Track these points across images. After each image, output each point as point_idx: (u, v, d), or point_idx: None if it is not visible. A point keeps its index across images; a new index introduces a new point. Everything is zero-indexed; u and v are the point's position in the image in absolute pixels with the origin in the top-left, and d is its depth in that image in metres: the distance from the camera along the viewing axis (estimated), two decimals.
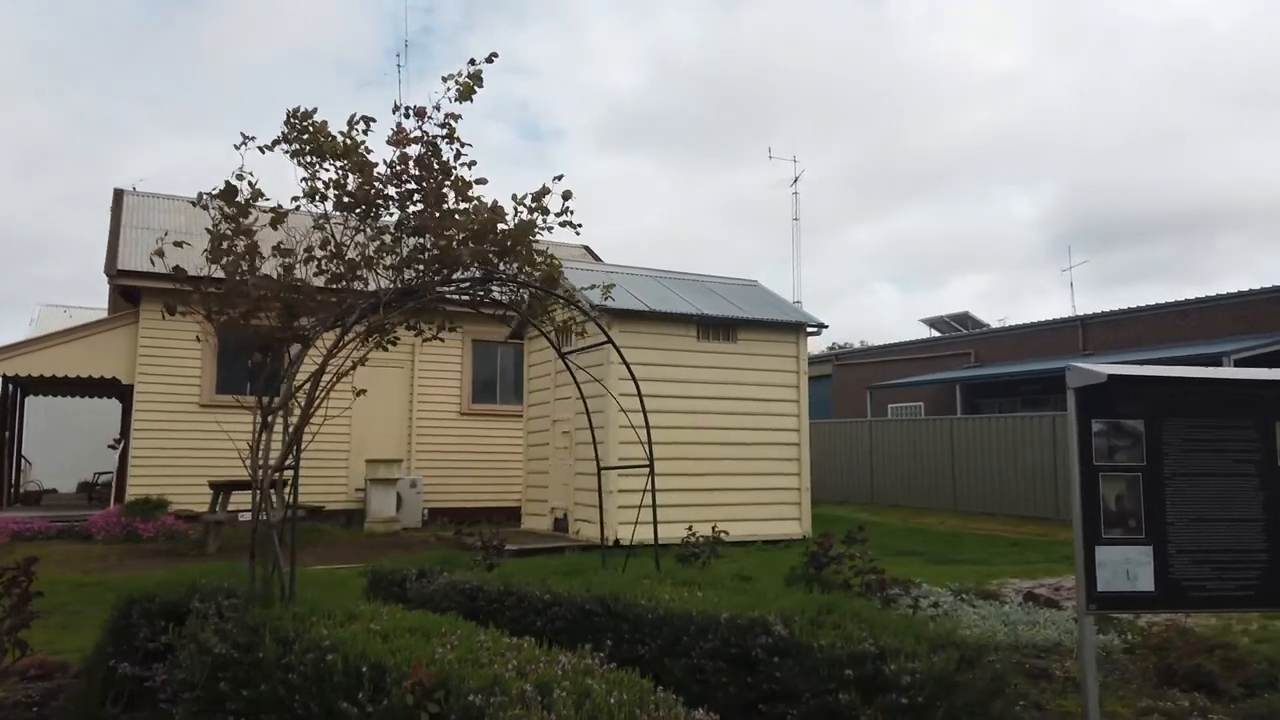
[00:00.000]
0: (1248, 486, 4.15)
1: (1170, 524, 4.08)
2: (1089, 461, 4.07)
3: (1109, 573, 4.03)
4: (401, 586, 5.71)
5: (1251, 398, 4.20)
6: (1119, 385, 4.12)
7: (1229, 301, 21.14)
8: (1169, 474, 4.11)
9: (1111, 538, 4.05)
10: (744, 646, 3.85)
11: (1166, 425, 4.12)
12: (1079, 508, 4.07)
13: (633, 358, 12.24)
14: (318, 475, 15.32)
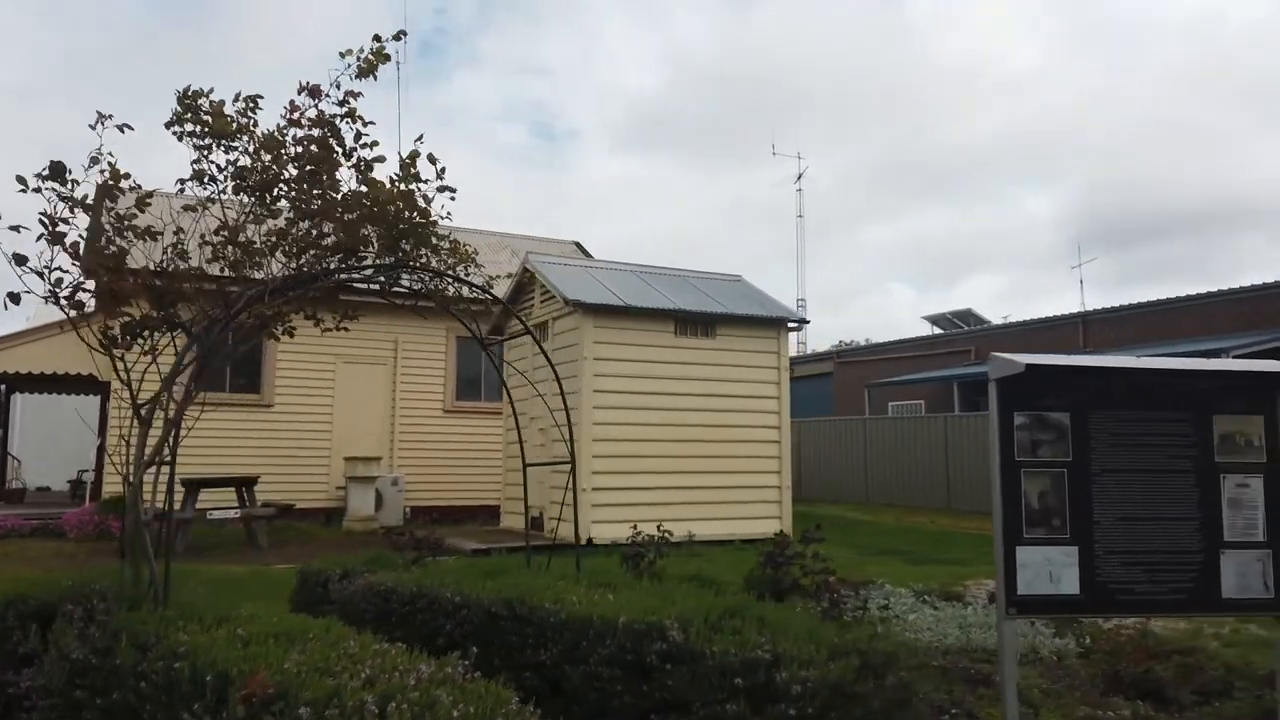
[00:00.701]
0: (1182, 483, 3.91)
1: (1097, 523, 3.85)
2: (1010, 456, 3.85)
3: (1030, 574, 3.81)
4: (325, 588, 5.53)
5: (1188, 389, 3.96)
6: (1044, 376, 3.88)
7: (1232, 297, 20.77)
8: (1096, 470, 3.88)
9: (1033, 537, 3.82)
10: (639, 653, 3.64)
11: (1094, 418, 3.89)
12: (999, 506, 3.84)
13: (608, 353, 12.08)
14: (296, 473, 15.21)
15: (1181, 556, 3.87)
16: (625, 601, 4.13)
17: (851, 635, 3.65)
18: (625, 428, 11.89)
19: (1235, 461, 3.95)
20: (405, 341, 16.36)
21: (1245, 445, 3.95)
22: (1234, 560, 3.89)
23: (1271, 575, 3.90)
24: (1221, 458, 3.94)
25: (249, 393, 15.24)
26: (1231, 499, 3.91)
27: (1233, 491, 3.92)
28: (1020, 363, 3.74)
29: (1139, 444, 3.91)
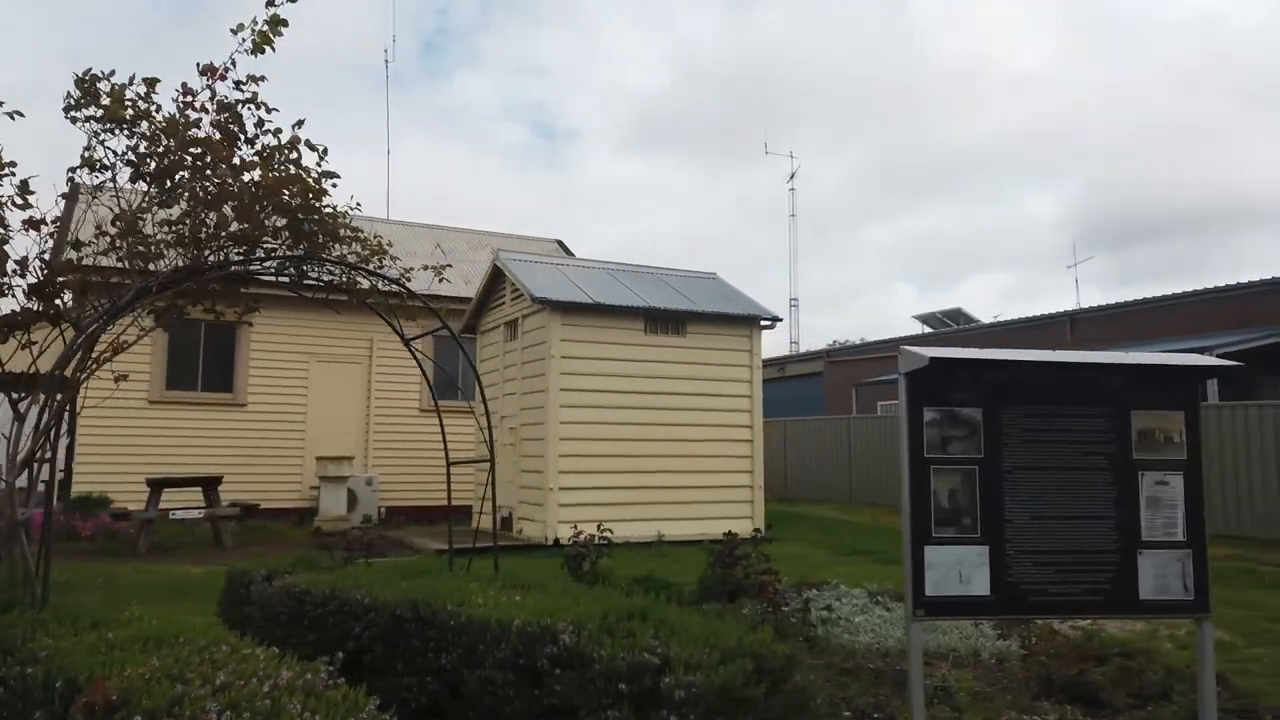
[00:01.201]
0: (1098, 481, 3.79)
1: (1009, 522, 3.73)
2: (919, 453, 3.73)
3: (939, 575, 3.68)
4: (248, 589, 5.41)
5: (1105, 385, 3.84)
6: (956, 370, 3.76)
7: (1218, 295, 20.64)
8: (1009, 467, 3.75)
9: (943, 537, 3.70)
10: (531, 657, 3.52)
11: (1007, 414, 3.77)
12: (907, 504, 3.72)
13: (576, 351, 11.96)
14: (268, 473, 15.10)
15: (1097, 556, 3.75)
16: (534, 604, 4.01)
17: (753, 638, 3.53)
18: (593, 426, 11.76)
19: (1154, 459, 3.83)
20: (380, 340, 16.20)
21: (1165, 441, 3.83)
22: (1152, 560, 3.77)
23: (1192, 576, 3.78)
24: (1140, 454, 3.82)
25: (221, 391, 15.12)
26: (1150, 497, 3.79)
27: (1151, 489, 3.80)
28: (925, 356, 3.61)
29: (1053, 440, 3.78)
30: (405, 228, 19.58)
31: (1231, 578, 9.16)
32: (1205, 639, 3.80)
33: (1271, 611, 7.40)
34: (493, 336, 13.60)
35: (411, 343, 5.55)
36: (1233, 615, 7.37)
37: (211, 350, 15.19)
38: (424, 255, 18.68)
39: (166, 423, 14.62)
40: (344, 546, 6.28)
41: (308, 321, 15.61)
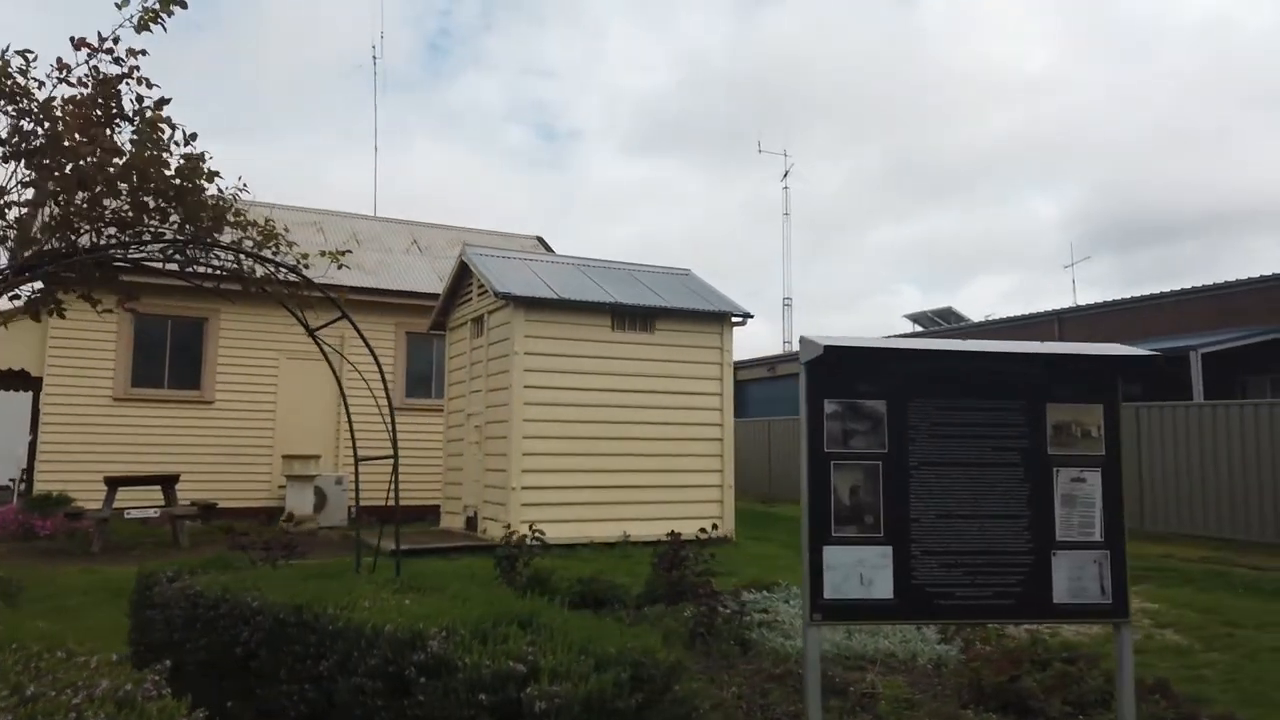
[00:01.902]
0: (1010, 478, 3.57)
1: (914, 521, 3.52)
2: (819, 448, 3.51)
3: (839, 577, 3.47)
4: (153, 591, 5.19)
5: (1018, 376, 3.62)
6: (858, 360, 3.55)
7: (1204, 294, 20.43)
8: (914, 463, 3.54)
9: (843, 536, 3.48)
10: (400, 664, 3.30)
11: (913, 406, 3.55)
12: (806, 501, 3.50)
13: (541, 348, 11.73)
14: (236, 471, 14.89)
15: (1008, 558, 3.53)
16: (418, 608, 3.80)
17: (638, 645, 3.31)
18: (558, 424, 11.55)
19: (1070, 454, 3.61)
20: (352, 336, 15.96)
21: (1082, 436, 3.62)
22: (1067, 562, 3.55)
23: (1109, 578, 3.56)
24: (1055, 450, 3.60)
25: (188, 389, 14.91)
26: (1065, 495, 3.58)
27: (1067, 487, 3.59)
28: (820, 345, 3.40)
29: (963, 435, 3.57)
30: (381, 223, 19.39)
31: (1202, 580, 8.95)
32: (1124, 646, 3.59)
33: (1234, 616, 7.18)
34: (460, 333, 13.39)
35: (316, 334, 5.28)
36: (1194, 619, 7.16)
37: (178, 346, 14.99)
38: (399, 250, 18.50)
39: (132, 420, 14.41)
40: (262, 546, 6.05)
41: (278, 317, 15.34)
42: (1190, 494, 12.94)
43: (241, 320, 15.13)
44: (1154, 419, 13.65)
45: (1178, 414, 13.34)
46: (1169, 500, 13.21)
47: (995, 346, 3.60)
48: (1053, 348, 3.65)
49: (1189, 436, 13.14)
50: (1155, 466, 13.48)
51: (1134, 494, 13.66)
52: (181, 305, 14.72)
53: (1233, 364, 18.10)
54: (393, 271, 17.21)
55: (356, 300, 16.05)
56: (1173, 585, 8.69)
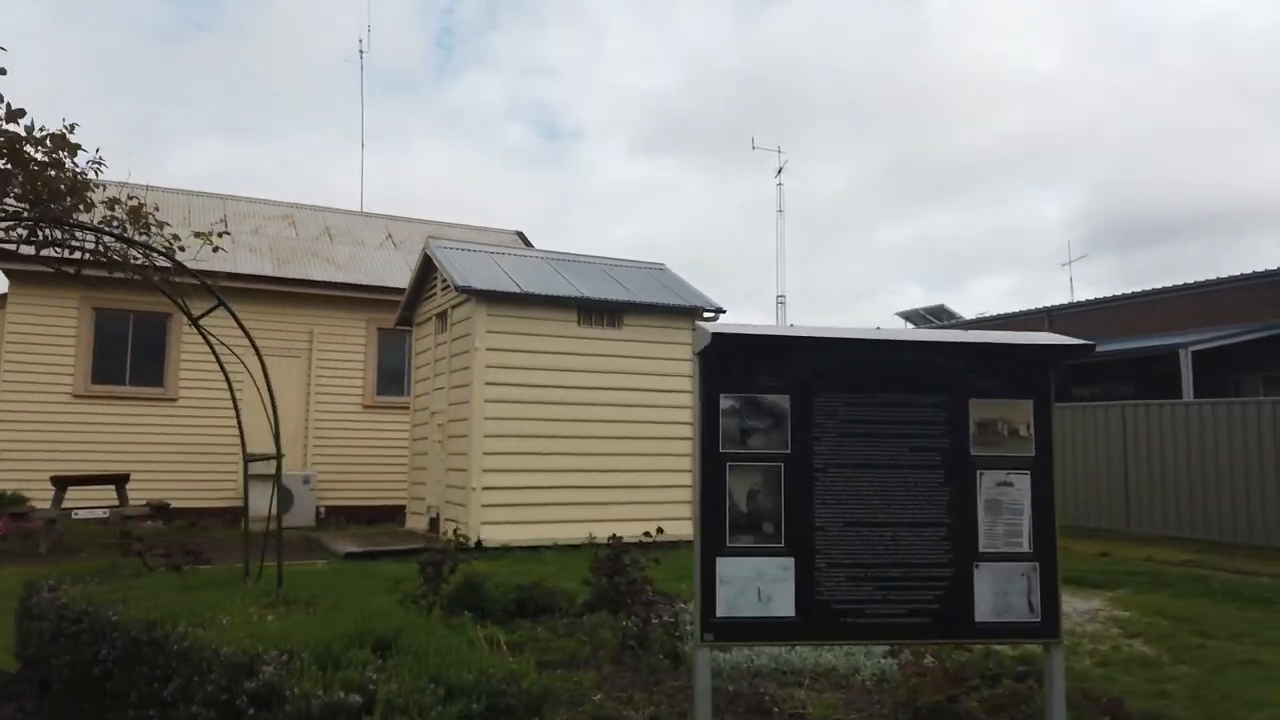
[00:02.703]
0: (928, 481, 3.21)
1: (820, 529, 3.15)
2: (714, 448, 3.14)
3: (734, 592, 3.10)
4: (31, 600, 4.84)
5: (938, 368, 3.25)
6: (757, 350, 3.18)
7: (1195, 291, 20.05)
8: (821, 464, 3.17)
9: (740, 546, 3.11)
10: (233, 692, 2.94)
11: (820, 402, 3.19)
12: (699, 508, 3.14)
13: (504, 344, 11.36)
14: (200, 471, 14.53)
15: (925, 570, 3.17)
16: (279, 625, 3.44)
17: (503, 670, 2.95)
18: (521, 423, 11.18)
19: (996, 455, 3.24)
20: (321, 332, 15.69)
21: (1010, 435, 3.25)
22: (991, 575, 3.19)
23: (1038, 593, 3.19)
24: (979, 450, 3.24)
25: (151, 386, 14.55)
26: (990, 500, 3.21)
27: (992, 491, 3.22)
28: (709, 332, 3.03)
29: (876, 434, 3.20)
30: (356, 217, 19.03)
31: (1180, 585, 8.57)
32: (1054, 669, 3.22)
33: (1209, 624, 6.81)
34: (426, 329, 13.03)
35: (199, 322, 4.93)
36: (1165, 628, 6.79)
37: (141, 342, 14.64)
38: (373, 245, 18.13)
39: (92, 418, 14.07)
40: (162, 552, 5.69)
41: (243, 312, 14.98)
42: (1178, 495, 12.57)
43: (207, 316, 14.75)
44: (1140, 418, 13.28)
45: (1164, 413, 12.97)
46: (1155, 501, 12.84)
47: (911, 335, 3.23)
48: (977, 336, 3.29)
49: (1176, 436, 12.76)
50: (1142, 467, 13.11)
51: (1120, 495, 13.29)
52: (144, 300, 14.35)
53: (1225, 362, 17.72)
54: (365, 266, 16.85)
55: (325, 295, 15.72)
56: (1149, 590, 8.33)
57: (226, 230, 6.17)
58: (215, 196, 17.94)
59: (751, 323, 6.23)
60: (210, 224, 16.77)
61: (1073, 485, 13.76)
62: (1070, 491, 13.80)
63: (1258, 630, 6.70)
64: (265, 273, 15.30)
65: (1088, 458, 13.77)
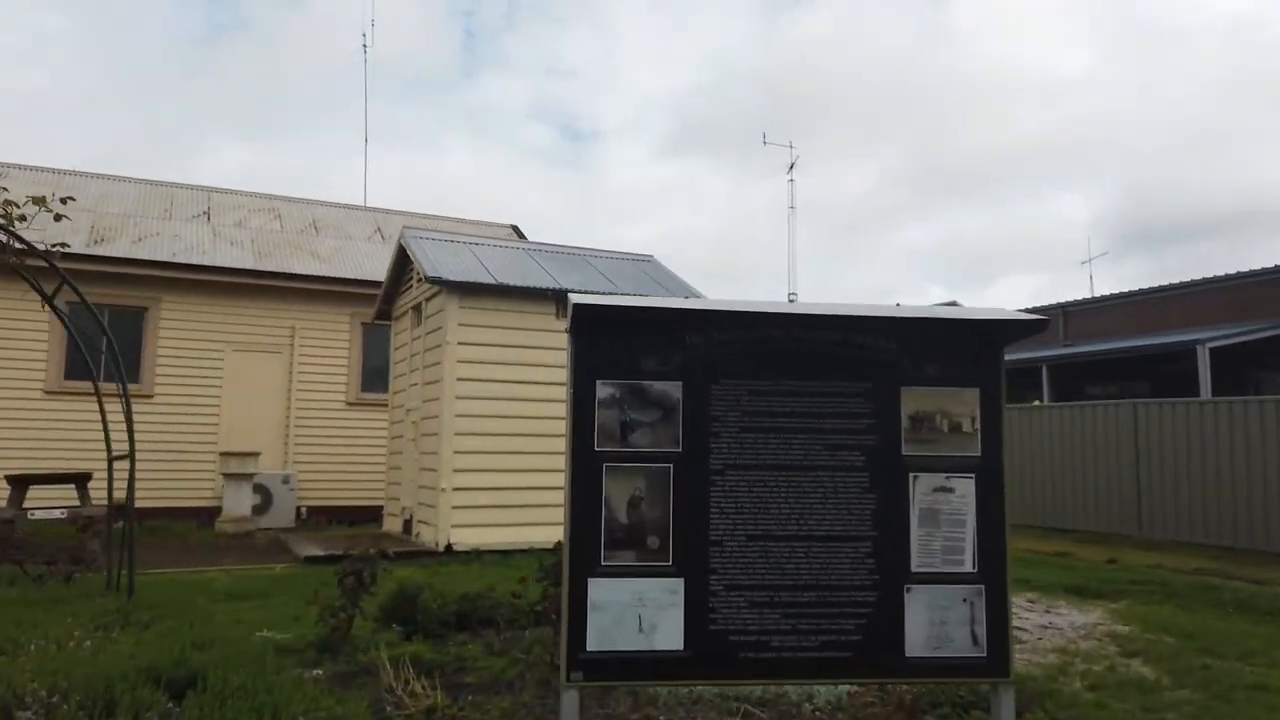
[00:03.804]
0: (851, 486, 2.65)
1: (717, 544, 2.60)
2: (588, 445, 2.60)
3: (608, 620, 2.56)
4: None
5: (864, 350, 2.69)
6: (639, 328, 2.63)
7: (1214, 286, 19.27)
8: (720, 466, 2.62)
9: (617, 565, 2.57)
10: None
11: (720, 390, 2.64)
12: (569, 517, 2.60)
13: (477, 337, 10.83)
14: (176, 470, 14.11)
15: (845, 595, 2.61)
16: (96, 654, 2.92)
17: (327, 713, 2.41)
18: (495, 420, 10.65)
19: (933, 455, 2.68)
20: (303, 328, 15.23)
21: (951, 431, 2.69)
22: (926, 600, 2.63)
23: (984, 623, 2.63)
24: (912, 449, 2.68)
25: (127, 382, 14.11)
26: (926, 509, 2.65)
27: (928, 498, 2.66)
28: (584, 304, 2.49)
29: (786, 429, 2.65)
30: (344, 210, 18.59)
31: (1188, 595, 7.94)
32: (1003, 713, 2.65)
33: (1216, 641, 6.20)
34: (403, 323, 12.55)
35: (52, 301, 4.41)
36: (1169, 645, 6.17)
37: (116, 337, 14.17)
38: (360, 238, 17.68)
39: (63, 415, 13.66)
40: (46, 560, 5.21)
41: (223, 307, 14.66)
42: (1191, 498, 11.89)
43: (184, 310, 14.39)
44: (1154, 417, 12.60)
45: (1178, 412, 12.29)
46: (1168, 505, 12.16)
47: (830, 309, 2.67)
48: (910, 311, 2.72)
49: (1190, 436, 12.08)
50: (1154, 468, 12.43)
51: (1131, 499, 12.62)
52: (120, 294, 14.01)
53: (1246, 359, 16.99)
54: (351, 259, 16.39)
55: (307, 289, 15.26)
56: (1154, 602, 7.70)
57: (70, 199, 5.67)
58: (200, 189, 17.56)
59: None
60: (190, 216, 16.42)
61: (1080, 487, 13.12)
62: (1077, 495, 13.17)
63: (1270, 648, 6.08)
64: (245, 265, 14.87)
65: (1097, 459, 13.11)
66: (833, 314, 2.65)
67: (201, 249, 15.02)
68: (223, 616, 6.51)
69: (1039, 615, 7.23)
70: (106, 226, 14.90)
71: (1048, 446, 13.80)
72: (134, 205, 16.02)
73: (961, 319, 2.64)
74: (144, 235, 14.96)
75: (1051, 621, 7.00)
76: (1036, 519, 13.72)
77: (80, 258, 13.72)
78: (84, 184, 16.26)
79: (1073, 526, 13.16)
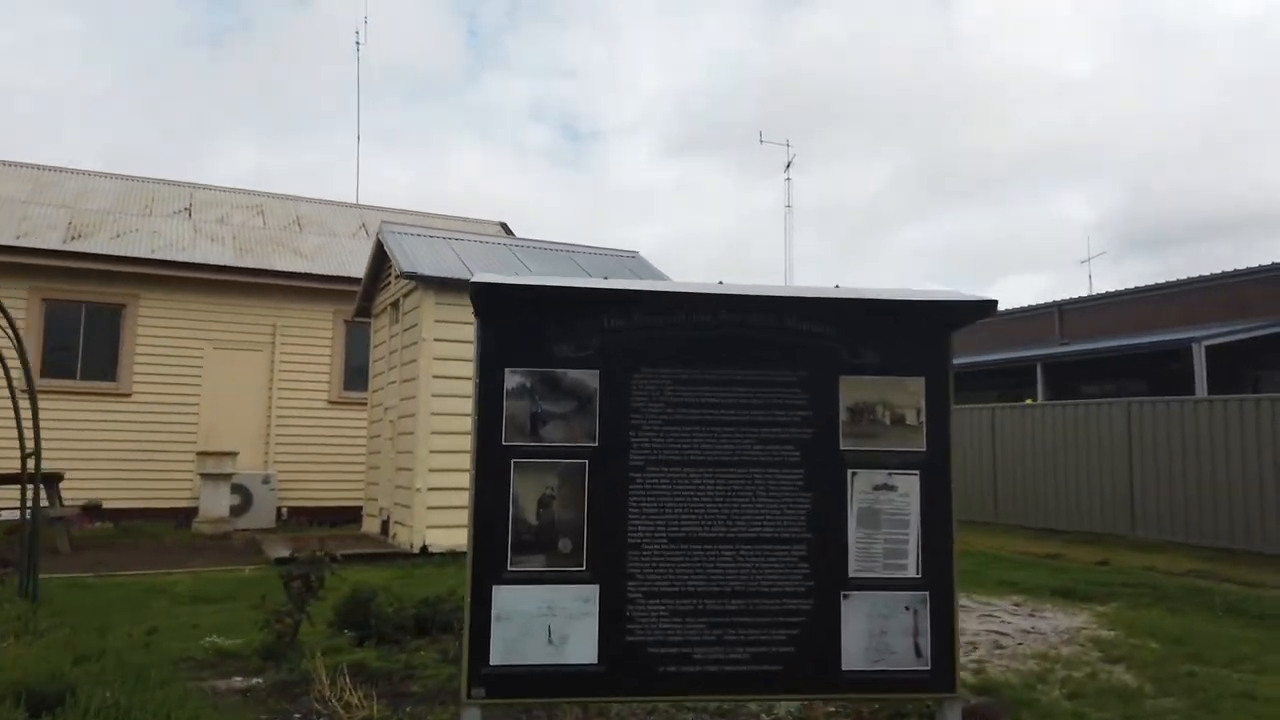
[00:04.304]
0: (783, 484, 2.43)
1: (635, 547, 2.38)
2: (495, 439, 2.37)
3: (514, 631, 2.33)
4: None
5: (800, 335, 2.47)
6: (547, 308, 2.41)
7: (1214, 284, 19.03)
8: (640, 461, 2.40)
9: (524, 571, 2.34)
10: None
11: (641, 379, 2.41)
12: (472, 518, 2.37)
13: (453, 334, 10.57)
14: (154, 469, 13.89)
15: (776, 602, 2.39)
16: None
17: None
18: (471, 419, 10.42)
19: (874, 450, 2.46)
20: (285, 325, 14.99)
21: (894, 424, 2.47)
22: (866, 608, 2.40)
23: (928, 633, 2.40)
24: (851, 444, 2.45)
25: (103, 380, 13.92)
26: (865, 509, 2.42)
27: (868, 497, 2.43)
28: (484, 281, 2.27)
29: (714, 421, 2.42)
30: (329, 206, 18.36)
31: (1178, 598, 7.70)
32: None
33: (1204, 646, 5.96)
34: (382, 320, 12.33)
35: None
36: (1154, 651, 5.94)
37: (93, 334, 14.00)
38: (345, 235, 17.46)
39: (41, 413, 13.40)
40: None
41: (203, 304, 14.43)
42: (1185, 498, 11.66)
43: (164, 307, 14.17)
44: (1147, 416, 12.36)
45: (1172, 410, 12.05)
46: (1162, 505, 11.93)
47: (762, 290, 2.45)
48: (848, 292, 2.49)
49: (1185, 435, 11.84)
50: (1148, 467, 12.20)
51: (1124, 499, 12.38)
52: (98, 290, 13.80)
53: (1242, 357, 16.74)
54: (334, 256, 16.16)
55: (289, 286, 15.04)
56: (1143, 605, 7.46)
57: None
58: (182, 185, 17.34)
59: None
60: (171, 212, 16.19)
61: (1073, 488, 12.89)
62: (1070, 495, 12.94)
63: (1260, 654, 5.84)
64: (225, 262, 14.65)
65: (1090, 459, 12.87)
66: (764, 295, 2.43)
67: (181, 245, 14.79)
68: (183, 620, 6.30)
69: (1023, 619, 7.00)
70: (85, 223, 14.69)
71: (1040, 446, 13.56)
72: (114, 202, 15.80)
73: (904, 300, 2.41)
74: (123, 231, 14.74)
75: (1035, 626, 6.77)
76: (1028, 520, 13.49)
77: (56, 254, 13.53)
78: (63, 180, 16.06)
79: (1065, 527, 12.92)
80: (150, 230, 15.00)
